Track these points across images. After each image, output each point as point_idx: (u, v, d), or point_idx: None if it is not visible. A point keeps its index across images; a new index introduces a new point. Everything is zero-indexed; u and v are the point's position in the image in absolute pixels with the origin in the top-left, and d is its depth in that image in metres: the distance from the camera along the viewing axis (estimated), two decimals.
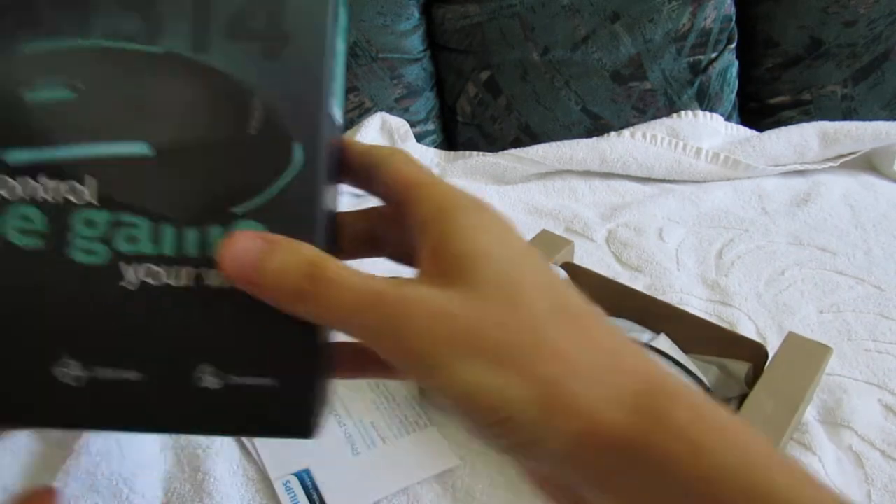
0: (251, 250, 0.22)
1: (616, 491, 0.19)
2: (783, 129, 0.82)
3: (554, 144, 0.78)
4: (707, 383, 0.47)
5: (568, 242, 0.57)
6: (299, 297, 0.22)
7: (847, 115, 0.90)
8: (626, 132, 0.80)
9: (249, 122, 0.25)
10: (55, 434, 0.48)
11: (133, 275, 0.25)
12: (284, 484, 0.45)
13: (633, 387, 0.19)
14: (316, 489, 0.45)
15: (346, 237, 0.26)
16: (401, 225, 0.24)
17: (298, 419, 0.26)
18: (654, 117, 0.87)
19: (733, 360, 0.49)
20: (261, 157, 0.25)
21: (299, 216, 0.25)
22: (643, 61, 0.86)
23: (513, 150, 0.79)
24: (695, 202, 0.75)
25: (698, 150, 0.78)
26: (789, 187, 0.78)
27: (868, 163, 0.82)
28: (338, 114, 0.27)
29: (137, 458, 0.46)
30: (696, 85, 0.89)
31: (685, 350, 0.49)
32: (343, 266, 0.22)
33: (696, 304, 0.61)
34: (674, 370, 0.46)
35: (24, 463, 0.47)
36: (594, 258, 0.66)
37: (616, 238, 0.69)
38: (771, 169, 0.79)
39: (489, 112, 0.90)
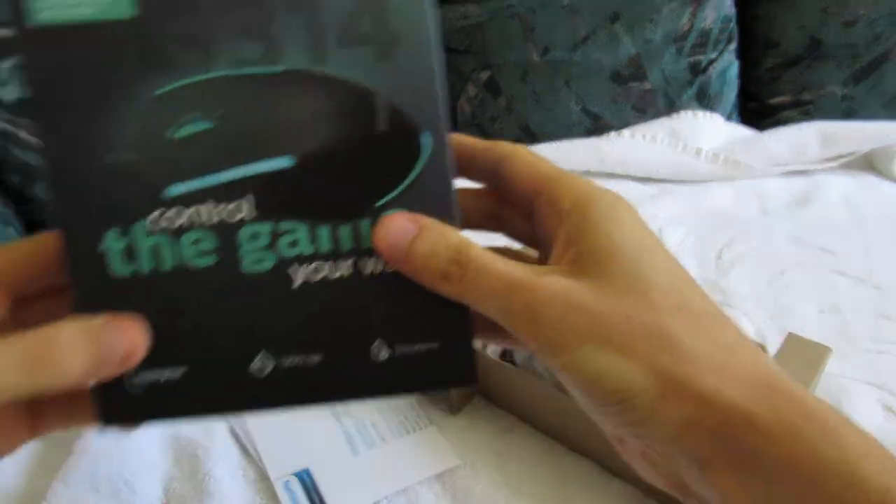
0: (402, 232, 0.25)
1: (716, 470, 0.21)
2: (783, 129, 0.82)
3: (554, 144, 0.78)
4: None
5: None
6: (446, 279, 0.24)
7: (847, 115, 0.90)
8: (626, 132, 0.80)
9: (377, 121, 0.28)
10: (55, 434, 0.48)
11: (300, 274, 0.29)
12: (284, 484, 0.45)
13: (745, 379, 0.21)
14: (316, 489, 0.45)
15: (471, 214, 0.29)
16: (521, 211, 0.27)
17: (463, 371, 0.29)
18: (654, 117, 0.87)
19: None
20: (394, 151, 0.28)
21: (437, 196, 0.28)
22: (643, 61, 0.86)
23: None
24: (695, 202, 0.75)
25: (698, 151, 0.78)
26: (789, 187, 0.78)
27: (868, 163, 0.82)
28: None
29: (137, 458, 0.46)
30: (696, 85, 0.89)
31: None
32: (485, 251, 0.24)
33: None
34: None
35: (23, 463, 0.47)
36: None
37: None
38: (771, 169, 0.79)
39: (489, 112, 0.90)
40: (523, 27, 0.85)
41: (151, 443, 0.48)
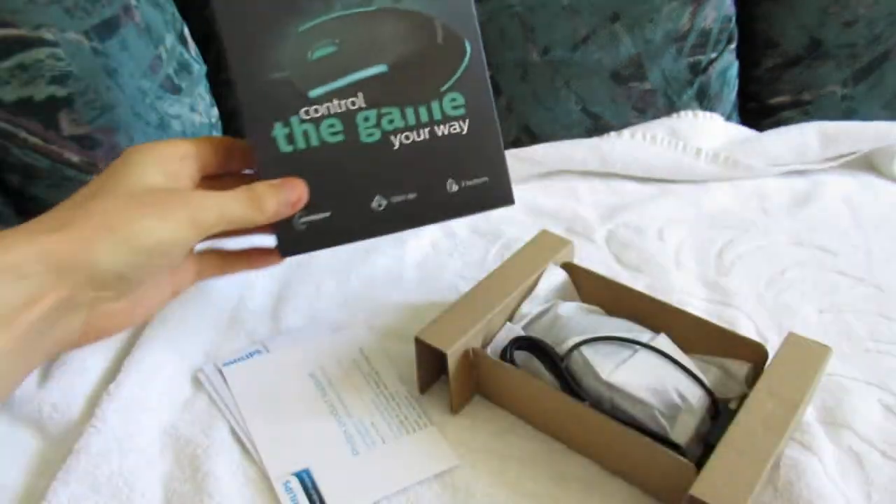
0: None
1: None
2: (783, 129, 0.82)
3: (554, 144, 0.78)
4: (707, 383, 0.47)
5: (568, 242, 0.57)
6: None
7: (847, 115, 0.90)
8: (626, 132, 0.80)
9: (437, 36, 0.46)
10: (55, 433, 0.48)
11: (396, 140, 0.46)
12: (284, 484, 0.45)
13: None
14: (316, 489, 0.45)
15: None
16: None
17: (504, 195, 0.48)
18: (654, 117, 0.87)
19: (733, 360, 0.49)
20: (449, 54, 0.46)
21: (478, 81, 0.47)
22: (643, 61, 0.86)
23: (513, 150, 0.79)
24: (695, 202, 0.75)
25: (698, 150, 0.78)
26: (789, 187, 0.78)
27: (868, 163, 0.82)
28: None
29: (137, 458, 0.46)
30: (696, 85, 0.89)
31: (685, 350, 0.49)
32: None
33: (696, 304, 0.61)
34: (674, 371, 0.46)
35: (23, 463, 0.47)
36: (594, 258, 0.66)
37: (616, 238, 0.69)
38: (771, 169, 0.79)
39: None
40: (523, 27, 0.85)
41: (152, 443, 0.48)
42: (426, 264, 0.65)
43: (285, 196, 0.43)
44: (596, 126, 0.88)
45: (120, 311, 0.43)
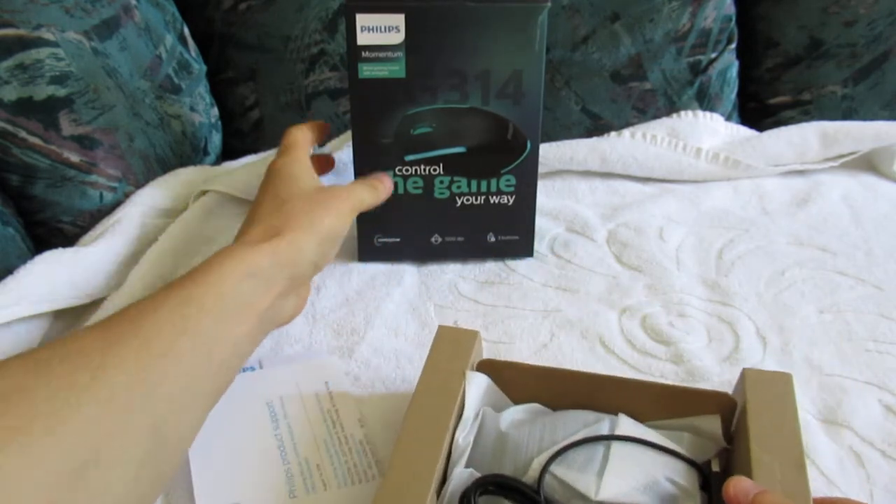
0: (746, 491, 0.36)
1: None
2: (783, 129, 0.82)
3: (554, 144, 0.78)
4: (684, 453, 0.42)
5: (473, 333, 0.48)
6: None
7: (847, 115, 0.90)
8: (626, 132, 0.80)
9: (508, 133, 0.58)
10: None
11: (459, 200, 0.61)
12: None
13: None
14: None
15: None
16: None
17: (528, 250, 0.64)
18: (654, 117, 0.87)
19: (702, 416, 0.44)
20: (513, 148, 0.59)
21: (530, 169, 0.60)
22: (643, 61, 0.86)
23: None
24: (695, 202, 0.75)
25: (698, 150, 0.78)
26: (789, 187, 0.78)
27: (868, 163, 0.82)
28: None
29: None
30: (696, 85, 0.89)
31: (650, 420, 0.45)
32: None
33: (697, 304, 0.61)
34: (655, 456, 0.41)
35: None
36: (594, 258, 0.66)
37: (616, 238, 0.69)
38: (771, 169, 0.79)
39: None
40: None
41: None
42: (427, 264, 0.65)
43: (388, 184, 0.59)
44: (596, 126, 0.88)
45: (305, 298, 0.56)
